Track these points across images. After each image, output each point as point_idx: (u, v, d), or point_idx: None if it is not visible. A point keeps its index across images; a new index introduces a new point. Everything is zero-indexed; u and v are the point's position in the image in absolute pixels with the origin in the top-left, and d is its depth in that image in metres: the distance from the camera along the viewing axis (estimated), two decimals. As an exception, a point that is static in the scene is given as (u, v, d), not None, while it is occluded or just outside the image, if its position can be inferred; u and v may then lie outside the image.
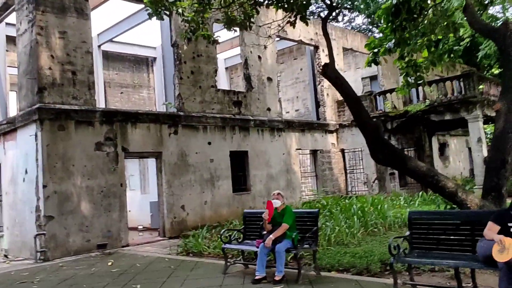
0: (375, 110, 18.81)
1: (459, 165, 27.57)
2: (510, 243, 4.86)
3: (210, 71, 15.29)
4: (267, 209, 7.37)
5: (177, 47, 14.51)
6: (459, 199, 9.04)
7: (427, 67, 13.30)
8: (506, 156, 9.30)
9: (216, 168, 14.90)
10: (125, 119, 12.84)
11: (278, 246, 7.07)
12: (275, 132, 17.16)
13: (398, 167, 9.63)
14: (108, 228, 12.09)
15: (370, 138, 9.93)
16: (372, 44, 12.97)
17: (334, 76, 10.22)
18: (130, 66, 21.00)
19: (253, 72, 16.78)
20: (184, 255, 10.35)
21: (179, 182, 13.84)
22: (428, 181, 9.32)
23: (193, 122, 14.44)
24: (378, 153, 9.80)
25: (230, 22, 13.42)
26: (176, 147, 13.93)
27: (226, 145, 15.34)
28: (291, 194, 17.32)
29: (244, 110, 16.20)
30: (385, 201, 15.64)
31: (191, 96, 14.59)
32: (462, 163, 27.95)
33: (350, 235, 9.80)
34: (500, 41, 10.03)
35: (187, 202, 13.96)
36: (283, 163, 17.30)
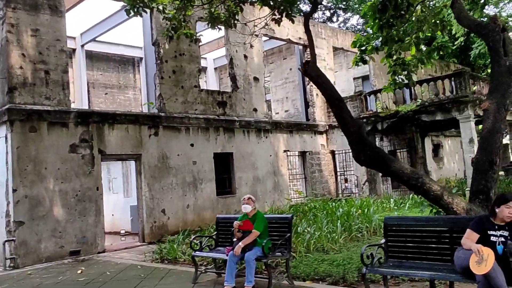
0: (366, 111, 18.37)
1: (454, 166, 27.15)
2: (489, 254, 4.40)
3: (193, 71, 14.82)
4: (242, 223, 6.92)
5: (158, 45, 14.05)
6: (444, 202, 8.59)
7: (415, 65, 12.90)
8: (494, 157, 8.85)
9: (199, 170, 14.42)
10: (102, 120, 12.35)
11: (248, 254, 6.61)
12: (261, 133, 16.69)
13: (382, 169, 9.17)
14: (83, 234, 11.60)
15: (353, 139, 9.48)
16: (359, 42, 12.56)
17: (315, 74, 9.76)
18: (115, 66, 20.52)
19: (238, 72, 16.32)
20: (158, 262, 9.87)
21: (159, 185, 13.36)
22: (412, 183, 8.86)
23: (175, 123, 13.96)
24: (361, 155, 9.34)
25: (214, 20, 13.02)
26: (156, 149, 13.45)
27: (209, 146, 14.87)
28: (279, 197, 16.86)
29: (229, 111, 15.73)
30: (375, 203, 15.23)
31: (172, 96, 14.12)
32: (457, 164, 27.51)
33: (331, 240, 9.32)
34: (488, 37, 9.59)
35: (168, 206, 13.48)
36: (270, 165, 16.83)
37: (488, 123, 9.08)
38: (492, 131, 8.96)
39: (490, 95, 9.38)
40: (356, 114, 18.56)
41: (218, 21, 12.90)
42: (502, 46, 9.44)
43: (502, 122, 9.02)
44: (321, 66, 19.13)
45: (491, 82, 9.48)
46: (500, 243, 4.67)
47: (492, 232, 4.74)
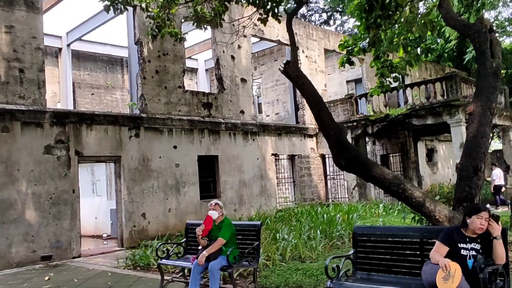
0: (356, 114, 18.00)
1: (448, 172, 26.78)
2: (456, 269, 4.03)
3: (178, 71, 14.46)
4: (203, 224, 6.55)
5: (141, 45, 13.69)
6: (426, 210, 8.20)
7: (403, 67, 12.56)
8: (479, 163, 8.47)
9: (182, 173, 14.04)
10: (79, 121, 11.98)
11: (212, 264, 6.22)
12: (248, 136, 16.32)
13: (362, 174, 8.77)
14: (57, 238, 11.21)
15: (332, 142, 9.10)
16: (346, 44, 12.22)
17: (295, 75, 9.38)
18: (103, 67, 20.18)
19: (225, 73, 15.96)
20: (130, 269, 9.48)
21: (140, 189, 12.98)
22: (394, 190, 8.48)
23: (157, 124, 13.59)
24: (341, 159, 8.95)
25: (199, 19, 12.67)
26: (137, 151, 13.08)
27: (193, 149, 14.49)
28: (266, 201, 16.47)
29: (214, 113, 15.36)
30: (363, 209, 14.87)
31: (155, 97, 13.75)
32: (451, 169, 27.10)
33: (309, 248, 8.94)
34: (475, 37, 9.22)
35: (149, 210, 13.10)
36: (257, 168, 16.45)
37: (472, 127, 8.70)
38: (477, 136, 8.59)
39: (475, 98, 9.02)
40: (347, 117, 18.23)
41: (203, 20, 12.58)
42: (489, 47, 9.09)
43: (488, 126, 8.64)
44: (312, 68, 18.85)
45: (477, 85, 9.12)
46: (471, 257, 4.30)
47: (463, 245, 4.37)
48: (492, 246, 4.29)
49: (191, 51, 21.26)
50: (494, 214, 4.45)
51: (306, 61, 19.25)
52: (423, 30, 12.56)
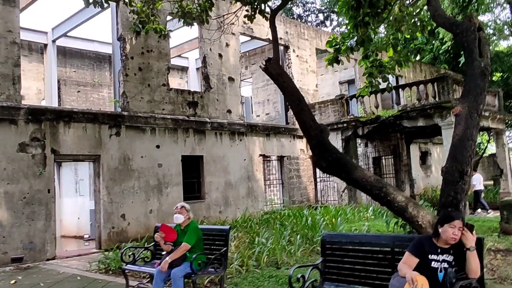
0: (346, 115, 17.64)
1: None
2: (423, 284, 3.65)
3: (162, 69, 14.07)
4: (161, 231, 6.17)
5: (124, 41, 13.30)
6: (409, 215, 7.83)
7: (392, 67, 12.21)
8: (465, 166, 8.10)
9: (165, 173, 13.65)
10: (57, 118, 11.59)
11: (174, 271, 5.84)
12: (235, 136, 15.93)
13: (343, 177, 8.41)
14: (30, 239, 10.81)
15: (314, 144, 8.72)
16: (334, 42, 11.86)
17: (276, 72, 9.00)
18: (90, 64, 19.78)
19: (212, 71, 15.57)
20: (102, 273, 9.08)
21: (119, 189, 12.58)
22: (375, 193, 8.11)
23: (139, 123, 13.20)
24: (322, 161, 8.59)
25: (185, 15, 12.32)
26: (117, 150, 12.68)
27: (177, 148, 14.10)
28: (253, 203, 16.08)
29: (200, 112, 14.97)
30: (351, 212, 14.51)
31: (137, 94, 13.36)
32: (445, 172, 26.73)
33: (288, 253, 8.56)
34: (463, 36, 8.85)
35: (129, 211, 12.70)
36: (244, 169, 16.07)
37: (459, 129, 8.33)
38: (463, 138, 8.22)
39: (462, 99, 8.65)
40: (337, 118, 17.87)
41: (189, 16, 12.21)
42: (477, 46, 8.73)
43: (475, 129, 8.27)
44: (303, 68, 18.49)
45: (464, 85, 8.75)
46: (442, 269, 3.93)
47: (434, 257, 3.99)
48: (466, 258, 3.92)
49: (181, 49, 20.88)
50: (468, 223, 4.08)
51: (297, 60, 18.89)
52: (413, 30, 12.22)
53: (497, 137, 18.39)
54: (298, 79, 18.81)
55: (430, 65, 27.91)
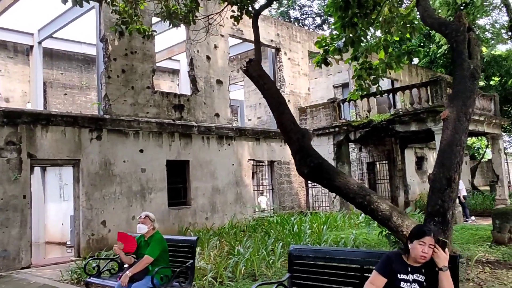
0: (338, 119, 17.23)
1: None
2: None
3: (147, 71, 13.68)
4: (119, 242, 5.76)
5: (106, 42, 12.92)
6: (393, 224, 7.43)
7: (383, 70, 11.83)
8: (453, 173, 7.70)
9: (148, 179, 13.22)
10: (34, 121, 11.18)
11: (135, 285, 5.42)
12: (223, 140, 15.52)
13: (325, 184, 8.00)
14: (3, 247, 10.38)
15: (294, 148, 8.35)
16: (323, 42, 11.49)
17: (256, 74, 8.63)
18: (78, 66, 19.39)
19: (199, 74, 15.18)
20: (74, 283, 8.66)
21: (100, 194, 12.16)
22: (358, 202, 7.71)
23: (122, 126, 12.79)
24: (303, 167, 8.19)
25: (170, 16, 11.98)
26: (98, 154, 12.27)
27: (162, 153, 13.68)
28: (241, 209, 15.65)
29: (186, 115, 14.57)
30: (341, 219, 14.09)
31: (120, 97, 12.96)
32: (442, 178, 26.28)
33: (267, 264, 8.13)
34: (452, 36, 8.47)
35: (110, 217, 12.27)
36: (232, 174, 15.64)
37: (447, 134, 7.94)
38: (451, 144, 7.82)
39: (450, 103, 8.25)
40: (329, 122, 17.47)
41: (175, 17, 11.86)
42: (466, 47, 8.34)
43: (463, 134, 7.88)
44: (295, 71, 18.11)
45: (453, 88, 8.36)
46: (413, 291, 3.50)
47: (403, 276, 3.57)
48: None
49: (171, 51, 20.51)
50: (441, 239, 3.66)
51: (288, 63, 18.51)
52: (403, 31, 11.85)
53: (493, 142, 17.97)
54: (290, 82, 18.42)
55: (427, 69, 27.53)
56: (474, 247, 9.29)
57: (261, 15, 18.10)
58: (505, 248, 9.13)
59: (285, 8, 44.55)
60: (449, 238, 7.66)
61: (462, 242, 10.05)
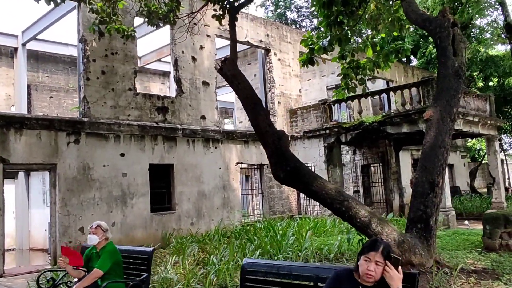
0: (329, 121, 16.78)
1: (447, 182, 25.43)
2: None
3: (128, 72, 13.28)
4: (63, 256, 5.33)
5: (85, 42, 12.53)
6: (372, 231, 7.01)
7: (370, 68, 11.42)
8: (436, 177, 7.28)
9: (130, 183, 12.80)
10: (6, 125, 10.78)
11: (82, 301, 4.99)
12: (210, 143, 15.09)
13: (302, 189, 7.61)
14: (-27, 256, 9.97)
15: (270, 151, 7.95)
16: (309, 41, 11.10)
17: (231, 73, 8.23)
18: (64, 68, 19.03)
19: (184, 75, 14.77)
20: (39, 295, 8.20)
21: (78, 200, 11.74)
22: (336, 207, 7.30)
23: (101, 129, 12.38)
24: (279, 171, 7.79)
25: (149, 15, 11.62)
26: (76, 158, 11.86)
27: (144, 157, 13.26)
28: (228, 214, 15.20)
29: (171, 118, 14.15)
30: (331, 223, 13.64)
31: (100, 99, 12.56)
32: (439, 180, 25.79)
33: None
34: (436, 32, 8.06)
35: (88, 224, 11.67)
36: (219, 178, 15.20)
37: (430, 135, 7.52)
38: (434, 146, 7.39)
39: (434, 102, 7.83)
40: (320, 124, 17.03)
41: (155, 16, 11.47)
42: (451, 44, 7.92)
43: (447, 135, 7.45)
44: (285, 72, 17.69)
45: (437, 86, 7.94)
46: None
47: (354, 297, 3.13)
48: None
49: (161, 53, 20.17)
50: (393, 256, 3.21)
51: (278, 64, 18.09)
52: (390, 29, 11.44)
53: (489, 143, 17.49)
54: (280, 84, 18.00)
55: (423, 70, 27.08)
56: (463, 254, 8.82)
57: (250, 15, 17.74)
58: (495, 255, 8.66)
59: (282, 10, 44.18)
60: (433, 246, 7.22)
61: (451, 249, 9.58)
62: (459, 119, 14.88)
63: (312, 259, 9.03)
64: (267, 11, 43.07)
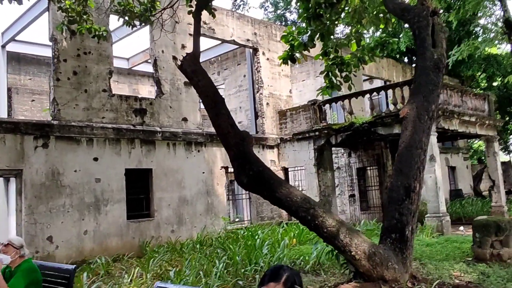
0: (319, 122, 16.05)
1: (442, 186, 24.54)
2: None
3: (102, 73, 12.67)
4: None
5: (55, 41, 11.95)
6: (340, 243, 6.30)
7: (355, 65, 10.71)
8: (412, 181, 6.54)
9: (104, 189, 12.17)
10: (-33, 128, 10.22)
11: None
12: (192, 146, 14.43)
13: (265, 195, 6.90)
14: None
15: (233, 154, 7.26)
16: (290, 37, 10.44)
17: (190, 70, 7.57)
18: (47, 71, 18.42)
19: (164, 75, 14.14)
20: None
21: (46, 208, 11.13)
22: (302, 216, 6.60)
23: (73, 133, 11.77)
24: (242, 175, 7.09)
25: (125, 14, 11.04)
26: (44, 163, 11.25)
27: (120, 161, 12.63)
28: (212, 221, 14.51)
29: (149, 120, 13.52)
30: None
31: (71, 101, 11.96)
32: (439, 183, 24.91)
33: (201, 290, 7.00)
34: (414, 22, 7.34)
35: (58, 232, 11.22)
36: (203, 183, 14.53)
37: (405, 135, 6.80)
38: (410, 147, 6.66)
39: (411, 98, 7.11)
40: (309, 126, 16.32)
41: (132, 15, 10.89)
42: (430, 34, 7.20)
43: (425, 134, 6.72)
44: (274, 72, 17.03)
45: (414, 81, 7.21)
46: None
47: None
48: None
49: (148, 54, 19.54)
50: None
51: (267, 64, 17.41)
52: (375, 23, 10.73)
53: (488, 145, 16.66)
54: (269, 84, 17.31)
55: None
56: (449, 266, 8.06)
57: (236, 13, 17.09)
58: (484, 267, 7.90)
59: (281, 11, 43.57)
60: (409, 258, 6.47)
61: (439, 259, 8.81)
62: (454, 119, 14.11)
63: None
64: (266, 13, 42.48)
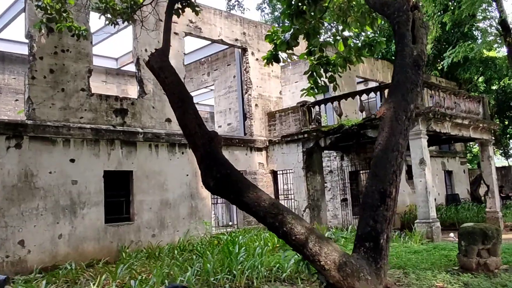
0: (309, 124, 15.62)
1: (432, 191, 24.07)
2: None
3: (81, 71, 12.27)
4: None
5: (31, 39, 11.56)
6: (309, 252, 5.86)
7: (341, 65, 10.27)
8: (387, 186, 6.09)
9: (80, 192, 11.74)
10: None
11: None
12: (176, 148, 14.01)
13: (232, 199, 6.46)
14: None
15: (200, 155, 6.83)
16: (274, 36, 10.01)
17: (157, 66, 7.15)
18: (33, 70, 18.08)
19: (147, 75, 13.70)
20: None
21: (18, 210, 10.70)
22: (269, 222, 6.17)
23: (48, 133, 11.36)
24: (209, 178, 6.67)
25: (106, 12, 10.68)
26: (17, 164, 10.83)
27: (99, 163, 12.20)
28: (196, 225, 14.06)
29: (130, 121, 13.10)
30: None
31: (47, 100, 11.56)
32: (436, 188, 24.47)
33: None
34: (393, 17, 6.91)
35: (30, 236, 10.79)
36: (187, 186, 14.09)
37: (382, 137, 6.35)
38: (386, 149, 6.21)
39: (389, 97, 6.66)
40: (298, 128, 15.89)
41: (114, 13, 10.51)
42: (410, 29, 6.77)
43: (402, 136, 6.27)
44: (264, 73, 16.64)
45: (392, 79, 6.77)
46: None
47: None
48: None
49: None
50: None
51: (256, 64, 16.99)
52: (361, 22, 10.30)
53: (482, 148, 16.21)
54: (258, 85, 16.90)
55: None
56: (432, 276, 7.61)
57: (225, 12, 16.69)
58: (469, 277, 7.45)
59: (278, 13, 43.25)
60: (383, 269, 6.01)
61: (423, 268, 8.36)
62: (446, 122, 13.67)
63: (261, 279, 7.89)
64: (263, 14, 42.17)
